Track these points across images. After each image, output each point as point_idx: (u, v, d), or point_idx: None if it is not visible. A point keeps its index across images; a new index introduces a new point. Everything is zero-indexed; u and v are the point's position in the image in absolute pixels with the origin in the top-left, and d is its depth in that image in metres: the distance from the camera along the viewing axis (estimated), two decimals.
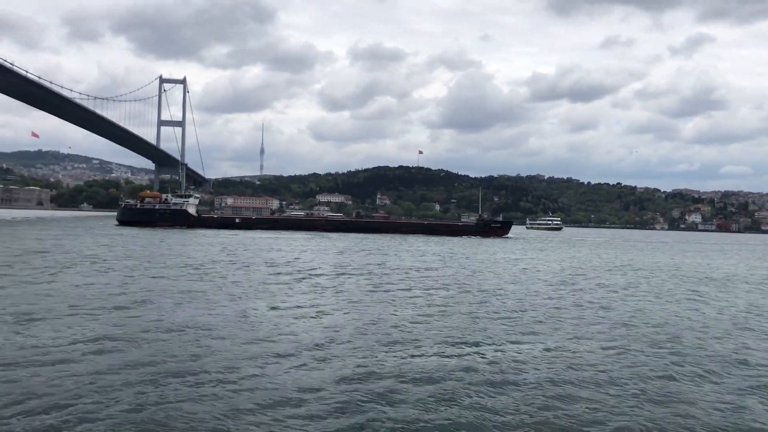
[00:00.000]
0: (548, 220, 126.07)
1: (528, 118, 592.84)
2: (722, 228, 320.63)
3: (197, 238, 74.02)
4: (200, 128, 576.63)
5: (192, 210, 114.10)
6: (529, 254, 63.86)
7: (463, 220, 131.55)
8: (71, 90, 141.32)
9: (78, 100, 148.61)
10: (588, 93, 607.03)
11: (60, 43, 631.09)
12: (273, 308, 21.62)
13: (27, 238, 59.65)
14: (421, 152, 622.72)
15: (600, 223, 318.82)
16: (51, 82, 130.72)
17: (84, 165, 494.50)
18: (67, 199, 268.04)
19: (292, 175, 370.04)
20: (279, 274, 33.73)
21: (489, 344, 16.77)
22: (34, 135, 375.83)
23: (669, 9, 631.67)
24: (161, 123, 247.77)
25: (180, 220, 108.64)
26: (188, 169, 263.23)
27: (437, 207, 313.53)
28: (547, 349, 16.29)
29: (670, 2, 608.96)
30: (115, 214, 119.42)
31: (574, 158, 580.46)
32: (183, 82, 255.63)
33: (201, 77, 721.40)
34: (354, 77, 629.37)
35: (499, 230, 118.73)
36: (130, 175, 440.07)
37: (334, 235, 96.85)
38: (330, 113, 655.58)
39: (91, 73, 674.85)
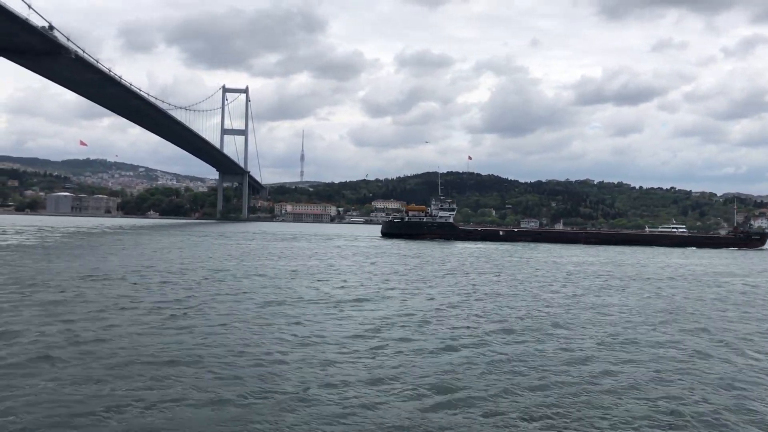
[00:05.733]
0: (674, 228, 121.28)
1: (572, 122, 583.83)
2: None
3: (540, 253, 76.05)
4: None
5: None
6: None
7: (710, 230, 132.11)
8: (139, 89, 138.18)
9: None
10: (635, 96, 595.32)
11: (115, 55, 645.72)
12: None
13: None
14: (470, 158, 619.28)
15: None
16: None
17: (131, 173, 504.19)
18: (133, 206, 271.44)
19: (343, 181, 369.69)
20: None
21: None
22: (83, 144, 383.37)
23: (723, 11, 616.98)
24: (224, 132, 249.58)
25: (448, 232, 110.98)
26: (249, 177, 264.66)
27: (494, 213, 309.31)
28: None
29: (724, 4, 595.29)
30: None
31: (617, 162, 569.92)
32: (245, 91, 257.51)
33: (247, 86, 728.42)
34: (398, 83, 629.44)
35: (758, 242, 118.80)
36: (175, 182, 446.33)
37: (614, 248, 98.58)
38: (372, 119, 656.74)
39: (141, 82, 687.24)
